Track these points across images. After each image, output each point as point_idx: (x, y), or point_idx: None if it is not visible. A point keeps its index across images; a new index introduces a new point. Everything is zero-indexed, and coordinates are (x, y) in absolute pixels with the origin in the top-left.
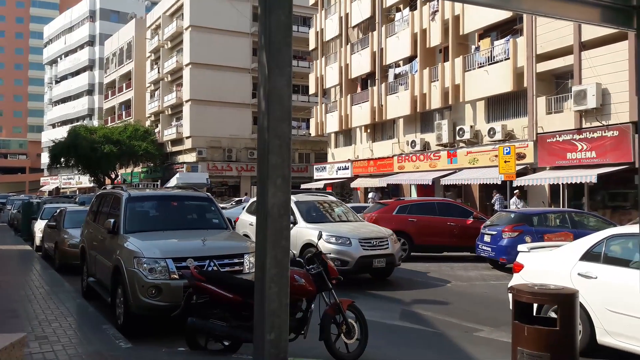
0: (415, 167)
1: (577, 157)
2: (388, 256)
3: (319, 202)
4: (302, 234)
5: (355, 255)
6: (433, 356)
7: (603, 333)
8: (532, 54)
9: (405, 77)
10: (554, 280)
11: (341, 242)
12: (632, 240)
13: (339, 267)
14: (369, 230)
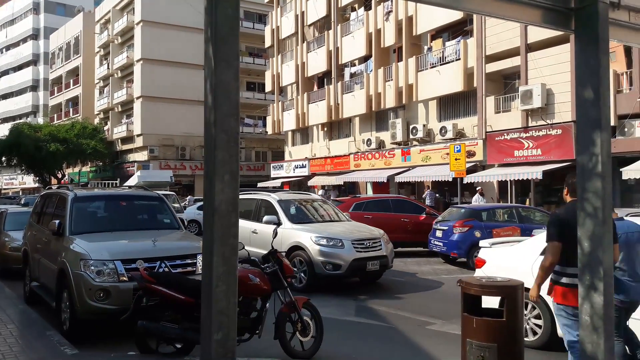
0: (371, 165)
1: (523, 155)
2: (381, 258)
3: (303, 201)
4: (288, 235)
5: (349, 258)
6: (387, 350)
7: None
8: (481, 55)
9: (361, 77)
10: (515, 274)
11: (332, 244)
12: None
13: (330, 272)
14: (361, 231)
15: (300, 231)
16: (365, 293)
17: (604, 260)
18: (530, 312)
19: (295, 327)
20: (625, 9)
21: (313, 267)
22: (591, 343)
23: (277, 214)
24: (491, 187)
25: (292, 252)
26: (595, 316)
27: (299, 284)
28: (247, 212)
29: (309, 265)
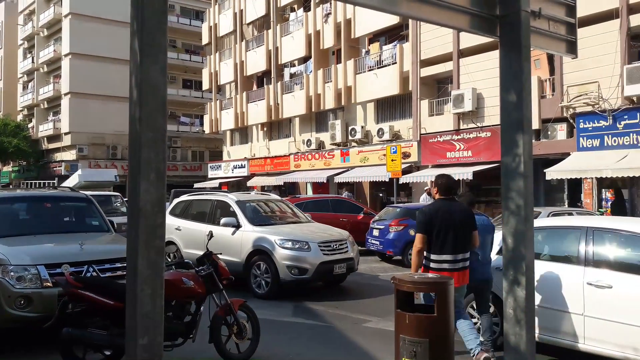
0: (311, 166)
1: (455, 156)
2: (348, 261)
3: (263, 202)
4: (249, 238)
5: (315, 262)
6: (323, 349)
7: None
8: (416, 60)
9: (301, 77)
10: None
11: (298, 247)
12: (545, 233)
13: (296, 276)
14: (327, 233)
15: (262, 234)
16: (303, 293)
17: (526, 255)
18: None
19: (231, 330)
20: (545, 18)
21: (277, 272)
22: (514, 335)
23: (235, 215)
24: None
25: (254, 257)
26: (518, 309)
27: (261, 291)
28: (201, 214)
29: (272, 270)
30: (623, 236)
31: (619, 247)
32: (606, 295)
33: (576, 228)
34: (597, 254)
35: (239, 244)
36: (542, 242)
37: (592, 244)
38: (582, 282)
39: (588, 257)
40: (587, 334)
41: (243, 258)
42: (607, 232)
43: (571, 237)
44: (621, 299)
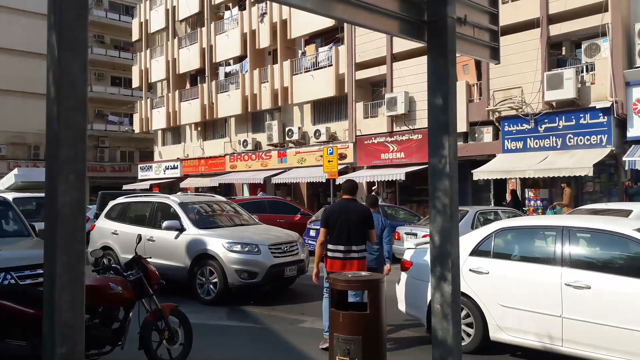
0: (248, 167)
1: (389, 157)
2: (299, 263)
3: (208, 203)
4: (194, 242)
5: (266, 265)
6: (258, 351)
7: (496, 329)
8: (351, 62)
9: (236, 76)
10: None
11: (248, 249)
12: (519, 233)
13: (245, 280)
14: (277, 235)
15: (208, 237)
16: (238, 296)
17: (452, 252)
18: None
19: (162, 336)
20: (471, 24)
21: (226, 276)
22: (442, 329)
23: (178, 218)
24: (361, 188)
25: (200, 262)
26: (445, 304)
27: (208, 297)
28: (141, 217)
29: (220, 274)
30: (600, 235)
31: (596, 247)
32: (585, 296)
33: (550, 228)
34: (575, 254)
35: (182, 249)
36: (514, 242)
37: (569, 244)
38: (560, 283)
39: (565, 258)
40: (566, 336)
41: (187, 263)
42: (583, 231)
43: (545, 237)
44: (600, 300)
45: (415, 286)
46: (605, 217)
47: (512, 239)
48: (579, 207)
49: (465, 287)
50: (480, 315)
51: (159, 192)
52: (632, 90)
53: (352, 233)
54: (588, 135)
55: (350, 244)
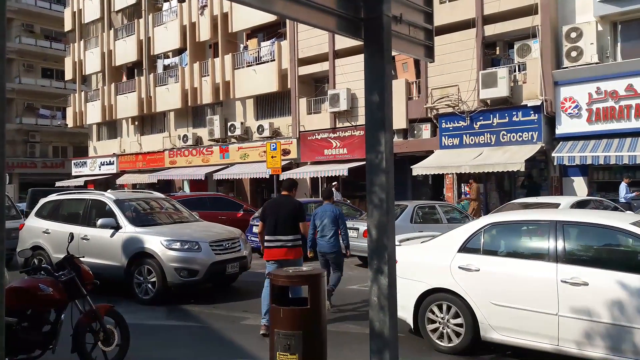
0: (188, 162)
1: (332, 153)
2: (241, 259)
3: (146, 200)
4: (131, 241)
5: (207, 262)
6: (198, 350)
7: (487, 328)
8: (294, 58)
9: (176, 70)
10: (432, 274)
11: (188, 247)
12: (510, 228)
13: (185, 279)
14: (218, 231)
15: (146, 235)
16: (178, 295)
17: (388, 245)
18: (447, 312)
19: (97, 337)
20: (406, 23)
21: (165, 275)
22: (379, 321)
23: (114, 216)
24: (304, 183)
25: (137, 260)
26: (382, 297)
27: (146, 296)
28: (74, 215)
29: (159, 273)
30: (596, 230)
31: (593, 242)
32: (582, 293)
33: (543, 222)
34: (570, 250)
35: (119, 247)
36: (505, 237)
37: (564, 239)
38: (556, 279)
39: (560, 253)
40: (562, 334)
41: (124, 262)
42: (578, 226)
43: (538, 232)
44: (599, 297)
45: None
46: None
47: (503, 234)
48: (512, 201)
49: (454, 285)
50: (470, 315)
51: (93, 189)
52: (560, 90)
53: (279, 225)
54: (520, 132)
55: (278, 234)
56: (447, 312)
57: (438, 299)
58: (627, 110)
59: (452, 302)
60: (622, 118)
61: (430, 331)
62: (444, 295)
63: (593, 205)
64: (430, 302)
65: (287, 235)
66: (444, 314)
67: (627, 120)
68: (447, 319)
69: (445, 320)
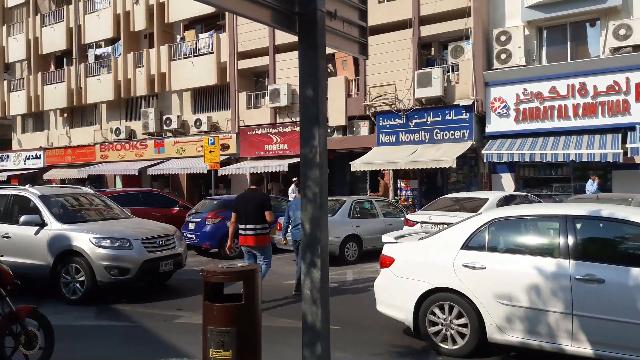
0: (121, 157)
1: (273, 149)
2: (176, 257)
3: (73, 196)
4: (57, 238)
5: (139, 260)
6: (128, 351)
7: (495, 329)
8: (234, 51)
9: (108, 60)
10: (434, 273)
11: (118, 245)
12: (517, 223)
13: (116, 277)
14: (151, 228)
15: (74, 232)
16: (108, 294)
17: (321, 239)
18: (450, 313)
19: (18, 340)
20: (340, 19)
21: (94, 273)
22: (311, 314)
23: (38, 212)
24: (244, 179)
25: (65, 259)
26: (315, 290)
27: (74, 296)
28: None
29: (88, 272)
30: (611, 224)
31: (607, 237)
32: (598, 290)
33: (552, 217)
34: (583, 246)
35: (44, 245)
36: (512, 233)
37: (576, 235)
38: (569, 277)
39: (572, 249)
40: (576, 334)
41: (50, 261)
42: (591, 220)
43: (547, 227)
44: (616, 294)
45: (398, 284)
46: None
47: (509, 230)
48: (444, 196)
49: (458, 284)
50: (476, 315)
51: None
52: (490, 90)
53: (247, 215)
54: (452, 130)
55: (246, 223)
56: (450, 312)
57: (440, 299)
58: (551, 111)
59: (456, 302)
60: (546, 118)
61: (432, 333)
62: (447, 295)
63: (519, 200)
64: (432, 302)
65: (255, 224)
66: (447, 315)
67: (550, 120)
68: (451, 320)
69: (449, 322)
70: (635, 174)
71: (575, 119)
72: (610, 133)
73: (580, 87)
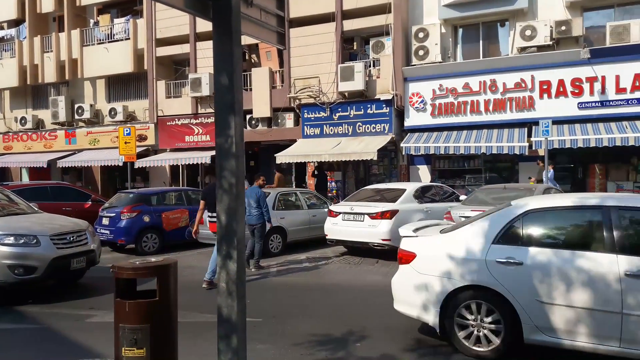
0: (27, 148)
1: (194, 140)
2: (89, 253)
3: None
4: None
5: (47, 258)
6: (34, 354)
7: (533, 330)
8: (152, 38)
9: (11, 43)
10: (464, 270)
11: (24, 241)
12: (555, 215)
13: (21, 277)
14: (61, 224)
15: None
16: (13, 294)
17: (237, 230)
18: (480, 312)
19: None
20: (257, 7)
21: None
22: (227, 307)
23: None
24: (163, 172)
25: None
26: (230, 282)
27: None
28: None
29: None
30: None
31: None
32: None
33: (595, 207)
34: (633, 239)
35: None
36: (549, 226)
37: (622, 227)
38: (618, 272)
39: (620, 243)
40: (626, 335)
41: None
42: (637, 211)
43: (591, 218)
44: None
45: (421, 282)
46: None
47: (546, 222)
48: (365, 187)
49: (491, 282)
50: (511, 315)
51: None
52: (409, 85)
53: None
54: (374, 123)
55: (214, 211)
56: (479, 311)
57: (471, 298)
58: (464, 106)
59: (489, 301)
60: (460, 113)
61: (462, 335)
62: (478, 294)
63: (434, 190)
64: (461, 301)
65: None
66: (478, 315)
67: (464, 115)
68: (482, 320)
69: (480, 322)
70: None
71: (486, 113)
72: (517, 127)
73: (491, 83)
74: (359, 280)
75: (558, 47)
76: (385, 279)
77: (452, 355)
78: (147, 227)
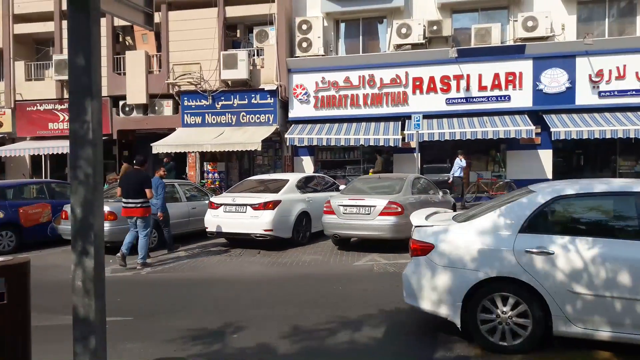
0: None
1: (59, 128)
2: None
3: None
4: None
5: None
6: None
7: (564, 321)
8: (8, 13)
9: None
10: (490, 261)
11: None
12: (584, 202)
13: None
14: None
15: None
16: None
17: (95, 224)
18: (506, 305)
19: None
20: None
21: None
22: (83, 306)
23: None
24: (23, 162)
25: None
26: (87, 280)
27: None
28: None
29: None
30: None
31: None
32: None
33: (628, 194)
34: None
35: None
36: (579, 213)
37: None
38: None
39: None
40: None
41: None
42: None
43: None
44: None
45: (440, 275)
46: None
47: (576, 209)
48: (248, 178)
49: (521, 273)
50: (541, 306)
51: None
52: (293, 77)
53: (128, 191)
54: (258, 114)
55: (129, 198)
56: (505, 304)
57: (497, 290)
58: (345, 99)
59: (517, 292)
60: (341, 106)
61: (487, 329)
62: (504, 286)
63: (317, 180)
64: (485, 294)
65: (136, 199)
66: (504, 307)
67: (345, 108)
68: (509, 313)
69: (507, 315)
70: (411, 157)
71: (365, 107)
72: (392, 121)
73: (370, 78)
74: (240, 272)
75: (430, 46)
76: (268, 269)
77: (325, 340)
78: (1, 224)
